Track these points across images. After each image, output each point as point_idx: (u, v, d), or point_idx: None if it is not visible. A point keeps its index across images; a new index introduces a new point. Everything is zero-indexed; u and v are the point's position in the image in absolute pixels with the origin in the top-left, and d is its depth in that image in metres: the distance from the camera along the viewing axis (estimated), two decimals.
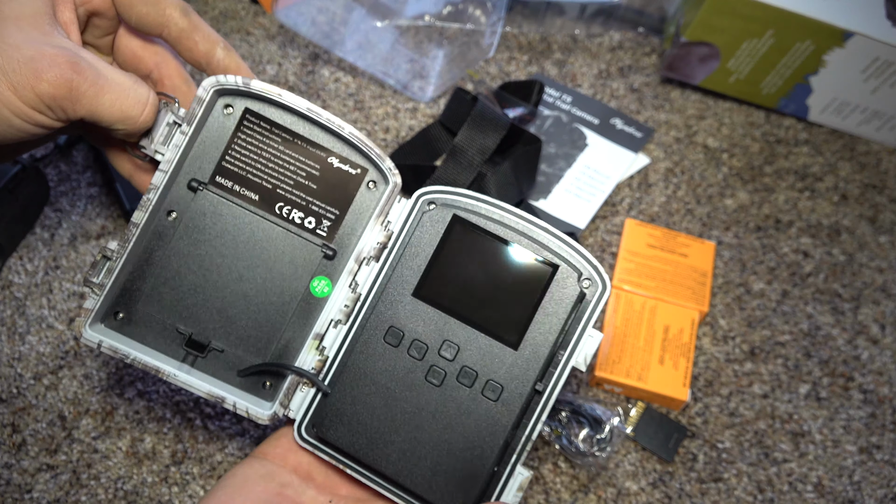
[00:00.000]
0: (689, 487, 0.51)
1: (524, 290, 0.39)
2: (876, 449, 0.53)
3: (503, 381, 0.39)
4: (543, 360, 0.39)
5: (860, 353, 0.57)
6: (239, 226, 0.42)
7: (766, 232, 0.63)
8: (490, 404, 0.39)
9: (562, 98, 0.69)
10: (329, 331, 0.41)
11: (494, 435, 0.39)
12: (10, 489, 0.49)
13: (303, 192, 0.42)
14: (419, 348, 0.40)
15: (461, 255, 0.40)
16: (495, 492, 0.39)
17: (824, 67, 0.64)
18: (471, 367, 0.39)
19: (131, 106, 0.36)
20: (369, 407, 0.40)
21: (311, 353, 0.41)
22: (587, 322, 0.39)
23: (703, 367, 0.56)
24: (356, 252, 0.41)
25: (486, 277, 0.40)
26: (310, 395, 0.41)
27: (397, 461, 0.39)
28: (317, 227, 0.42)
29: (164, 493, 0.49)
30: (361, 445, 0.39)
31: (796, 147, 0.68)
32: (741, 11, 0.62)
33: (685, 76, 0.69)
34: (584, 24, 0.72)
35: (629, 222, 0.61)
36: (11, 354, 0.54)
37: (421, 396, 0.39)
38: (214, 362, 0.42)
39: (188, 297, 0.42)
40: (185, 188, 0.41)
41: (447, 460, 0.39)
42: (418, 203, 0.41)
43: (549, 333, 0.39)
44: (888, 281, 0.61)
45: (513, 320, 0.39)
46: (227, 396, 0.40)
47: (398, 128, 0.67)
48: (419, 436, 0.39)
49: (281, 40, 0.73)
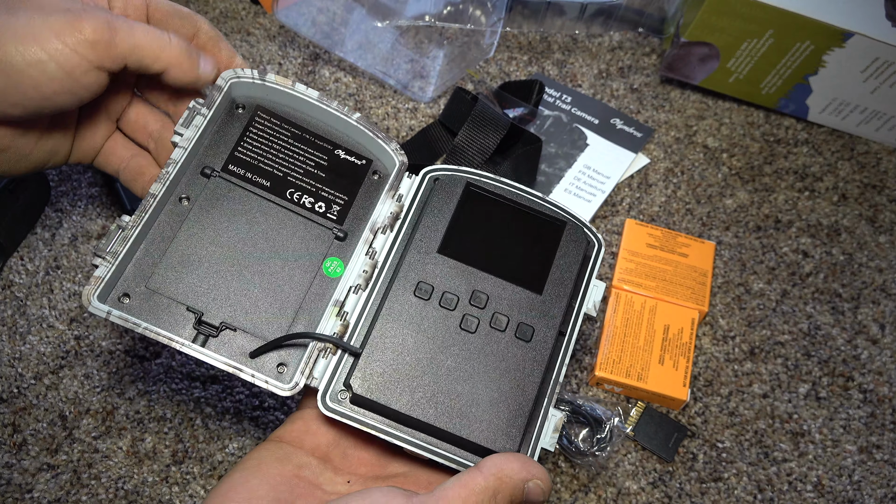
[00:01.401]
0: (689, 487, 0.51)
1: (540, 243, 0.43)
2: (876, 449, 0.53)
3: (533, 323, 0.41)
4: (565, 302, 0.42)
5: (860, 353, 0.57)
6: (251, 211, 0.43)
7: (766, 232, 0.63)
8: (524, 345, 0.40)
9: (562, 98, 0.70)
10: (349, 297, 0.41)
11: (533, 375, 0.40)
12: (11, 489, 0.49)
13: (313, 179, 0.44)
14: (450, 300, 0.41)
15: (479, 217, 0.43)
16: (533, 434, 0.39)
17: (824, 67, 0.64)
18: (502, 312, 0.41)
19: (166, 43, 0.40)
20: (406, 361, 0.39)
21: (332, 321, 0.41)
22: (591, 273, 0.43)
23: (702, 367, 0.56)
24: (370, 223, 0.43)
25: (504, 235, 0.43)
26: (333, 362, 0.40)
27: (439, 409, 0.39)
28: (327, 212, 0.44)
29: (164, 493, 0.49)
30: (400, 398, 0.39)
31: (796, 147, 0.68)
32: (741, 11, 0.62)
33: (685, 76, 0.69)
34: (584, 24, 0.72)
35: (629, 222, 0.61)
36: (12, 354, 0.54)
37: (457, 345, 0.40)
38: (226, 343, 0.40)
39: (200, 278, 0.41)
40: (198, 175, 0.43)
41: (490, 405, 0.39)
42: (426, 179, 0.44)
43: (567, 279, 0.42)
44: (888, 281, 0.61)
45: (534, 269, 0.42)
46: (245, 368, 0.39)
47: (398, 128, 0.67)
48: (460, 383, 0.39)
49: (281, 40, 0.73)
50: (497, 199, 0.44)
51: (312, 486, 0.37)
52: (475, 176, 0.44)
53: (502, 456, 0.36)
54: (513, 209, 0.44)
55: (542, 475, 0.36)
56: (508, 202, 0.44)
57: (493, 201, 0.44)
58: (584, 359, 0.56)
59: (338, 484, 0.38)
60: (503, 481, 0.35)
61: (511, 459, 0.36)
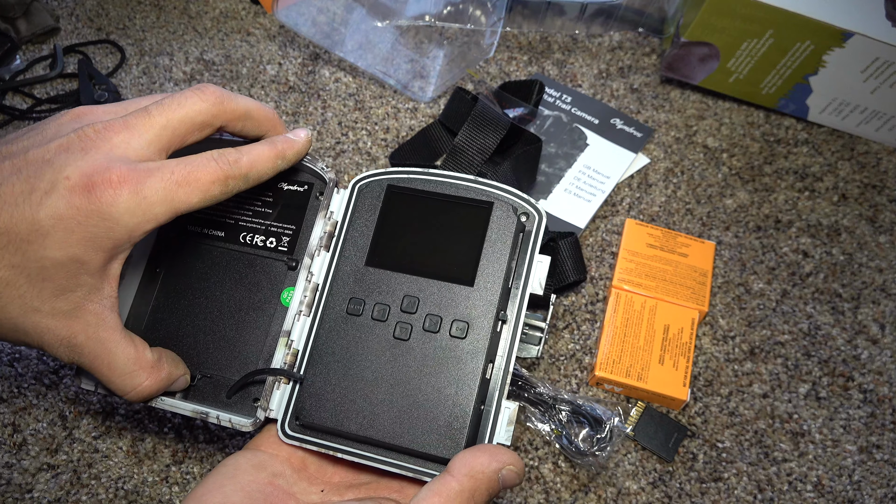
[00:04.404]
0: (689, 487, 0.51)
1: (467, 231, 0.41)
2: (876, 448, 0.53)
3: (467, 318, 0.40)
4: (500, 288, 0.40)
5: (860, 353, 0.57)
6: (212, 261, 0.45)
7: (766, 232, 0.63)
8: (459, 343, 0.39)
9: (562, 98, 0.70)
10: (294, 325, 0.42)
11: (472, 372, 0.39)
12: (11, 489, 0.49)
13: (261, 218, 0.45)
14: (381, 310, 0.41)
15: (403, 219, 0.42)
16: (487, 429, 0.39)
17: (824, 67, 0.64)
18: (433, 313, 0.40)
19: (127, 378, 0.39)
20: (346, 379, 0.40)
21: (282, 351, 0.42)
22: (532, 249, 0.41)
23: (702, 367, 0.56)
24: (308, 248, 0.43)
25: (431, 231, 0.42)
26: (287, 390, 0.41)
27: (384, 424, 0.39)
28: (278, 245, 0.45)
29: (164, 493, 0.49)
30: (345, 418, 0.39)
31: (796, 147, 0.68)
32: (741, 11, 0.62)
33: (685, 76, 0.69)
34: (584, 24, 0.72)
35: (629, 222, 0.61)
36: (12, 354, 0.54)
37: (394, 356, 0.40)
38: (206, 389, 0.44)
39: (177, 338, 0.45)
40: (163, 244, 0.46)
41: (433, 410, 0.38)
42: (355, 190, 0.44)
43: (500, 264, 0.40)
44: (888, 281, 0.61)
45: (463, 261, 0.41)
46: (210, 411, 0.41)
47: (398, 128, 0.67)
48: (401, 394, 0.39)
49: (281, 40, 0.73)
50: (420, 195, 0.43)
51: (286, 494, 0.38)
52: (398, 175, 0.43)
53: (468, 452, 0.35)
54: (437, 202, 0.42)
55: (512, 459, 0.36)
56: (431, 196, 0.42)
57: (417, 198, 0.43)
58: (584, 359, 0.56)
59: (311, 493, 0.39)
60: (477, 479, 0.34)
61: (478, 454, 0.35)
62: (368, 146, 0.66)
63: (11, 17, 0.72)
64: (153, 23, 0.76)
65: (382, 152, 0.66)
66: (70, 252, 0.34)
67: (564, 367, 0.56)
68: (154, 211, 0.35)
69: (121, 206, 0.34)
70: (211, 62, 0.72)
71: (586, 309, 0.58)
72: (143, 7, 0.77)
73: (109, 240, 0.35)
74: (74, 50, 0.73)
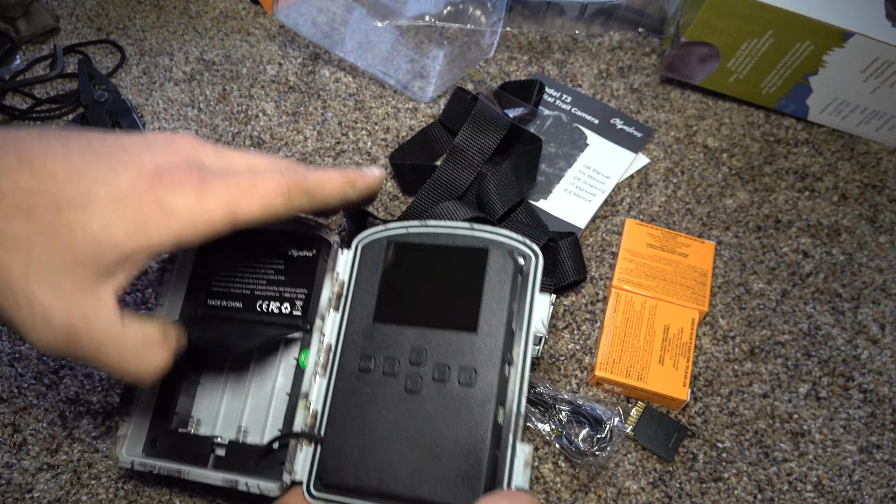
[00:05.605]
0: (689, 487, 0.51)
1: (466, 279, 0.42)
2: (876, 448, 0.53)
3: (473, 364, 0.40)
4: (503, 331, 0.40)
5: (860, 353, 0.57)
6: (233, 333, 0.46)
7: (766, 232, 0.63)
8: (469, 390, 0.40)
9: (562, 98, 0.70)
10: (311, 386, 0.43)
11: (483, 418, 0.39)
12: (11, 489, 0.49)
13: (275, 286, 0.46)
14: (391, 364, 0.41)
15: (404, 273, 0.43)
16: (505, 474, 0.39)
17: (824, 67, 0.64)
18: (441, 362, 0.40)
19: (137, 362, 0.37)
20: (363, 436, 0.40)
21: (302, 413, 0.42)
22: (532, 289, 0.41)
23: (702, 367, 0.56)
24: (318, 310, 0.44)
25: (432, 282, 0.43)
26: (309, 452, 0.42)
27: (403, 477, 0.39)
28: (292, 310, 0.45)
29: (164, 493, 0.49)
30: (366, 475, 0.39)
31: (796, 147, 0.68)
32: (741, 11, 0.62)
33: (685, 76, 0.69)
34: (584, 24, 0.72)
35: (629, 222, 0.61)
36: (12, 354, 0.54)
37: (407, 409, 0.40)
38: (235, 458, 0.44)
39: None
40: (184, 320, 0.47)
41: (449, 459, 0.39)
42: (358, 249, 0.45)
43: (501, 308, 0.41)
44: (888, 281, 0.61)
45: (465, 308, 0.41)
46: (239, 479, 0.42)
47: (398, 128, 0.67)
48: (416, 446, 0.39)
49: (281, 40, 0.73)
50: (419, 248, 0.43)
51: None
52: (397, 230, 0.44)
53: (486, 499, 0.36)
54: (436, 252, 0.43)
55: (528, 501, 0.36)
56: (429, 248, 0.43)
57: (416, 251, 0.43)
58: (584, 359, 0.56)
59: None
60: None
61: (497, 499, 0.36)
62: (368, 146, 0.66)
63: (11, 17, 0.72)
64: (153, 23, 0.76)
65: (382, 152, 0.66)
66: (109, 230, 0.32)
67: (564, 367, 0.56)
68: (212, 215, 0.34)
69: (181, 200, 0.33)
70: (211, 62, 0.72)
71: (586, 309, 0.58)
72: (143, 7, 0.77)
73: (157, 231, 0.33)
74: (74, 50, 0.73)
